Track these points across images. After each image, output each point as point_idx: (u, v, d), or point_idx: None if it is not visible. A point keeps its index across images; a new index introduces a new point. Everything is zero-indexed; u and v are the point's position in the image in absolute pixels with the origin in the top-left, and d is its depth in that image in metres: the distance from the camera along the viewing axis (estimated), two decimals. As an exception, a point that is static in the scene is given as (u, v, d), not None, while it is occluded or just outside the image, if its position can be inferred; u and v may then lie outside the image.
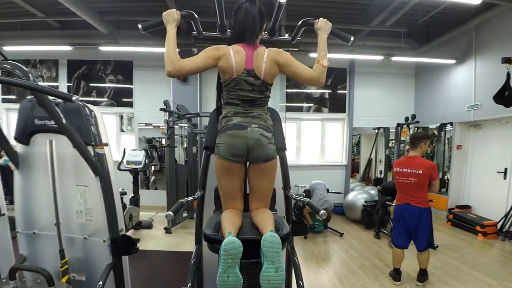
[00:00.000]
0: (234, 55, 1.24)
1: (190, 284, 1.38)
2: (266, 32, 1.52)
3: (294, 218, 1.77)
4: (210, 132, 1.55)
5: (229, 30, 1.48)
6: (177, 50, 1.24)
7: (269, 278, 1.05)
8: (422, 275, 2.83)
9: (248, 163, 1.33)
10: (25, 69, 1.46)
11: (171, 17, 1.23)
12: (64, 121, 1.53)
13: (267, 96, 1.33)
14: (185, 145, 5.52)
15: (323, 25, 1.33)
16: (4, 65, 1.43)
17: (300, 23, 1.40)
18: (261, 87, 1.28)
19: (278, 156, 1.68)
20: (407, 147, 6.02)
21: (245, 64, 1.25)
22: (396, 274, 2.88)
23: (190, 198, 1.44)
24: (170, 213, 1.13)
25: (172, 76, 1.25)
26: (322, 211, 1.20)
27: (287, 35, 2.01)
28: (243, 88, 1.27)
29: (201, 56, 1.26)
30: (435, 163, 5.99)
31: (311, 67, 1.33)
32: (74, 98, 1.21)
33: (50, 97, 1.49)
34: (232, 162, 1.26)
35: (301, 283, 1.46)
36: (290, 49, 1.71)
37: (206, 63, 1.26)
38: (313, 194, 4.52)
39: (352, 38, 1.40)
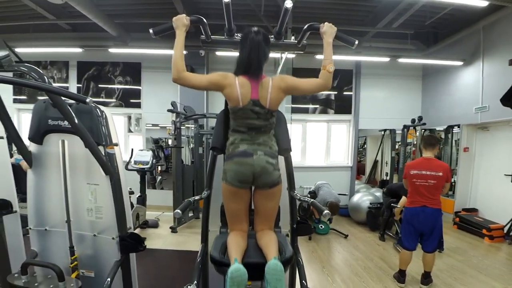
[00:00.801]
0: (239, 87, 1.30)
1: (196, 281, 1.41)
2: (272, 36, 1.56)
3: (299, 219, 1.80)
4: (217, 133, 1.59)
5: (236, 34, 1.51)
6: (185, 52, 1.29)
7: None
8: (426, 277, 2.82)
9: (254, 187, 1.39)
10: (40, 71, 1.52)
11: (181, 22, 1.28)
12: (77, 121, 1.58)
13: (272, 123, 1.40)
14: (191, 145, 5.58)
15: (328, 29, 1.35)
16: (21, 67, 1.49)
17: (305, 27, 1.43)
18: (266, 115, 1.34)
19: (284, 158, 1.71)
20: (413, 149, 5.99)
21: (251, 95, 1.31)
22: (401, 276, 2.88)
23: (197, 197, 1.48)
24: (178, 211, 1.17)
25: (176, 83, 1.31)
26: (326, 211, 1.23)
27: (293, 37, 2.03)
28: (249, 117, 1.33)
29: (207, 78, 1.32)
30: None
31: (318, 70, 1.36)
32: (88, 100, 1.26)
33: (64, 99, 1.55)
34: (238, 188, 1.33)
35: (304, 283, 1.48)
36: (295, 51, 1.74)
37: (209, 87, 1.34)
38: (320, 191, 4.59)
39: (356, 42, 1.42)
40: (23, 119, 5.98)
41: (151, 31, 1.31)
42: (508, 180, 4.46)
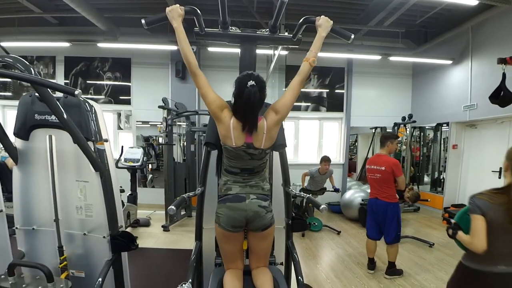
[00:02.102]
0: (233, 130, 1.28)
1: (190, 280, 1.39)
2: (267, 30, 1.53)
3: (294, 215, 1.79)
4: (211, 129, 1.56)
5: (231, 27, 1.48)
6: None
7: None
8: (390, 267, 2.95)
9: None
10: (27, 63, 1.46)
11: (176, 13, 1.24)
12: (65, 116, 1.52)
13: (265, 161, 1.39)
14: (183, 143, 5.51)
15: (324, 23, 1.34)
16: (6, 59, 1.43)
17: (301, 20, 1.41)
18: (261, 154, 1.33)
19: (279, 153, 1.70)
20: (417, 146, 6.13)
21: (245, 139, 1.29)
22: (370, 263, 3.07)
23: (191, 194, 1.45)
24: (173, 207, 1.14)
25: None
26: (323, 206, 1.22)
27: (286, 33, 2.01)
28: (243, 158, 1.32)
29: (213, 97, 1.29)
30: (433, 163, 6.08)
31: (313, 68, 1.35)
32: (76, 92, 1.21)
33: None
34: (232, 232, 1.34)
35: (300, 279, 1.48)
36: (290, 46, 1.72)
37: (209, 105, 1.30)
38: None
39: (352, 36, 1.42)
40: (8, 116, 5.78)
41: (143, 21, 1.27)
42: (496, 177, 4.58)
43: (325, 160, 4.51)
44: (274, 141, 1.37)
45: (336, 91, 6.30)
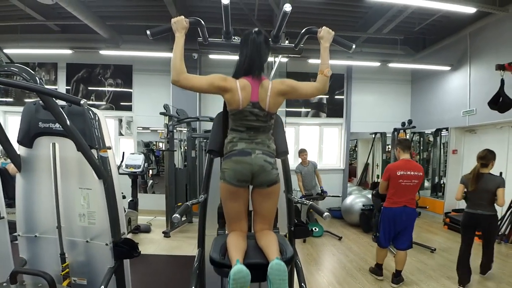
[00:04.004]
0: (240, 90, 1.29)
1: (193, 287, 1.39)
2: (270, 39, 1.56)
3: (296, 221, 1.79)
4: (214, 136, 1.57)
5: (234, 37, 1.51)
6: None
7: None
8: (397, 276, 2.91)
9: (252, 186, 1.37)
10: (32, 72, 1.48)
11: (180, 25, 1.26)
12: (69, 124, 1.54)
13: (271, 125, 1.39)
14: (183, 149, 5.53)
15: (325, 34, 1.37)
16: (12, 68, 1.45)
17: (303, 31, 1.44)
18: (266, 117, 1.34)
19: (281, 160, 1.71)
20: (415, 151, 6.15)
21: (251, 97, 1.30)
22: (379, 270, 3.05)
23: (195, 201, 1.46)
24: (177, 215, 1.14)
25: (176, 85, 1.27)
26: (326, 213, 1.23)
27: (287, 41, 2.05)
28: (248, 118, 1.32)
29: (208, 80, 1.29)
30: (433, 168, 6.09)
31: (311, 74, 1.37)
32: (82, 102, 1.23)
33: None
34: (237, 187, 1.31)
35: (304, 285, 1.47)
36: (292, 55, 1.75)
37: (210, 90, 1.30)
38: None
39: (354, 46, 1.44)
40: (9, 122, 5.80)
41: (148, 32, 1.29)
42: (495, 182, 4.58)
43: (301, 151, 4.75)
44: (277, 110, 1.38)
45: (336, 97, 6.34)
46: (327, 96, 6.32)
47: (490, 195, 2.73)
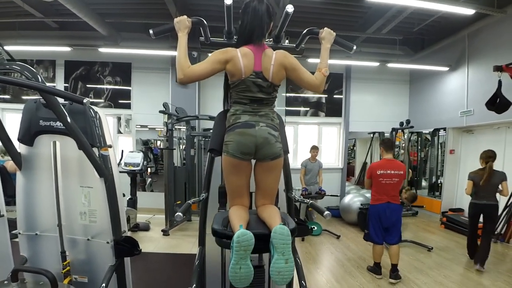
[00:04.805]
0: (242, 58, 1.26)
1: (194, 285, 1.40)
2: (271, 39, 1.57)
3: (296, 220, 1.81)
4: (216, 135, 1.58)
5: (235, 37, 1.51)
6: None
7: (279, 270, 1.07)
8: (394, 271, 2.96)
9: (255, 161, 1.35)
10: (34, 70, 1.48)
11: (183, 24, 1.26)
12: (71, 122, 1.54)
13: (274, 97, 1.37)
14: (182, 147, 5.53)
15: (327, 35, 1.37)
16: (13, 66, 1.44)
17: (305, 31, 1.45)
18: (269, 88, 1.31)
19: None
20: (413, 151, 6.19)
21: (254, 66, 1.27)
22: (378, 268, 3.10)
23: (196, 200, 1.46)
24: (180, 213, 1.15)
25: (183, 83, 1.27)
26: (327, 212, 1.24)
27: (287, 41, 2.06)
28: (252, 90, 1.29)
29: (209, 61, 1.28)
30: (430, 168, 6.14)
31: (312, 72, 1.38)
32: (85, 100, 1.23)
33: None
34: (240, 160, 1.28)
35: (303, 283, 1.48)
36: (294, 55, 1.75)
37: (215, 68, 1.28)
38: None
39: (354, 47, 1.45)
40: (7, 119, 5.76)
41: (151, 31, 1.30)
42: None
43: (313, 148, 5.01)
44: (280, 83, 1.35)
45: (335, 96, 6.36)
46: (326, 96, 6.34)
47: (494, 188, 3.17)
